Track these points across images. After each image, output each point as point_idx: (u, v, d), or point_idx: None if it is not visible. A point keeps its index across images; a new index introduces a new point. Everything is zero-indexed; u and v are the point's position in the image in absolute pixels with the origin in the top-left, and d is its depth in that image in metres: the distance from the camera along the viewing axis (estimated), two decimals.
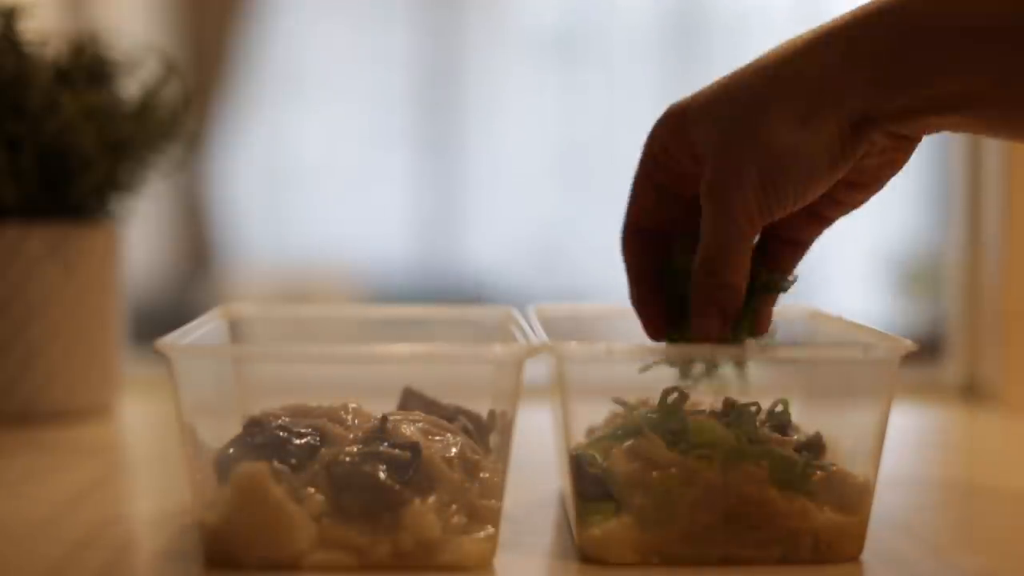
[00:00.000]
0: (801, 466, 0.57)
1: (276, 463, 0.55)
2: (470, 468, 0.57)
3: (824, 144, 0.55)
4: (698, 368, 0.59)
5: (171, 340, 0.57)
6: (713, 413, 0.60)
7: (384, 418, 0.58)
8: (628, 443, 0.57)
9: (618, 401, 0.64)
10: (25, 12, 0.90)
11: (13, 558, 0.59)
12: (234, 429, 0.59)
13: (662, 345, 0.61)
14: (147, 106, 0.94)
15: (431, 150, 3.03)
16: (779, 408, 0.60)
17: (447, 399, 0.65)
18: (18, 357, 0.90)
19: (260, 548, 0.55)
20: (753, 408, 0.59)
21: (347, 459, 0.55)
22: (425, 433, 0.58)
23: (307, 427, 0.57)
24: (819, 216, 0.60)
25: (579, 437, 0.61)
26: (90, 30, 0.96)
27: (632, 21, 2.83)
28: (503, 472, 0.57)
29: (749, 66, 0.58)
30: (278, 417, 0.58)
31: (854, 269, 2.96)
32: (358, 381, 0.62)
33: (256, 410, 0.60)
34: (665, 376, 0.60)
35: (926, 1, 0.55)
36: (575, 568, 0.57)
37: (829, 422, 0.59)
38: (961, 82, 0.54)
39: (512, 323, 0.66)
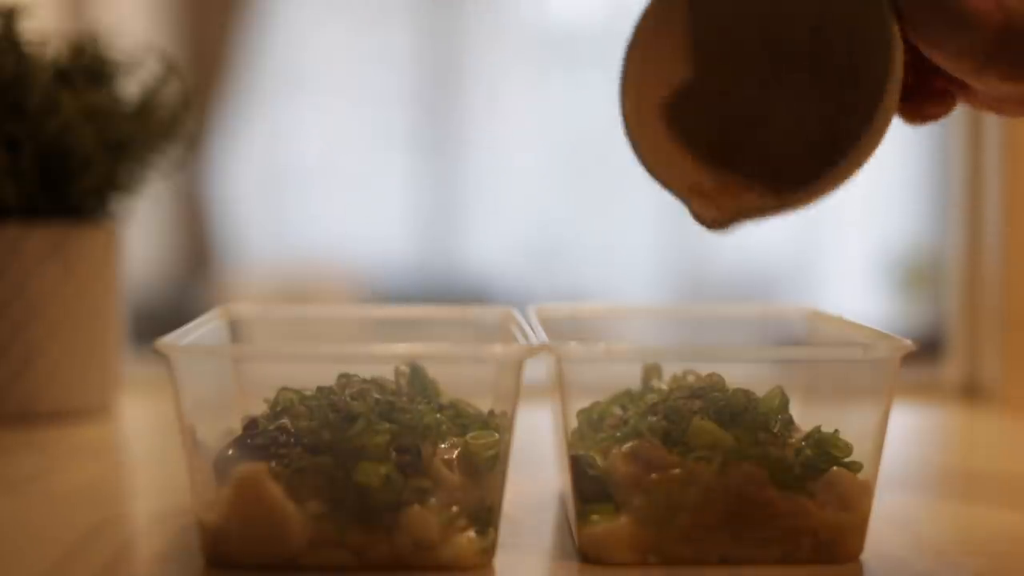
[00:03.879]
0: (800, 466, 0.57)
1: (275, 463, 0.55)
2: (470, 469, 0.57)
3: None
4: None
5: (171, 340, 0.57)
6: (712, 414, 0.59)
7: None
8: (628, 445, 0.57)
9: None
10: (25, 12, 0.90)
11: (13, 557, 0.59)
12: (234, 429, 0.59)
13: (661, 346, 0.61)
14: (147, 106, 0.94)
15: (431, 150, 3.03)
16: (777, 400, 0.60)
17: (447, 399, 0.65)
18: (18, 357, 0.90)
19: (259, 548, 0.55)
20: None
21: None
22: None
23: (306, 428, 0.57)
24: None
25: (572, 423, 0.61)
26: (90, 30, 0.96)
27: (632, 21, 2.83)
28: (503, 472, 0.57)
29: None
30: (278, 417, 0.58)
31: (854, 269, 2.96)
32: None
33: (256, 410, 0.60)
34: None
35: None
36: (575, 568, 0.57)
37: (829, 422, 0.59)
38: None
39: (512, 323, 0.66)
